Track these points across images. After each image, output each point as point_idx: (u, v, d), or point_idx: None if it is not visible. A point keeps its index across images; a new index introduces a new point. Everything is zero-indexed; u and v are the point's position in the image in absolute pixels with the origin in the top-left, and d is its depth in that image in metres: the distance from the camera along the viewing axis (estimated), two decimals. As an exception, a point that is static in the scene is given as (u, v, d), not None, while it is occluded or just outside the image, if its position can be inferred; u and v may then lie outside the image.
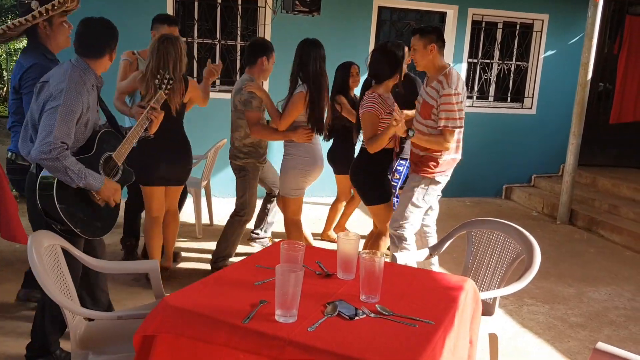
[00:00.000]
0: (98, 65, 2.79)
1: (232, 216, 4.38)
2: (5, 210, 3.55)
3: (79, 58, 2.75)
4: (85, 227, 2.73)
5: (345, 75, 4.81)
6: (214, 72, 4.18)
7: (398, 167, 4.49)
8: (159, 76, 3.33)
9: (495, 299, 2.86)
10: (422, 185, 3.68)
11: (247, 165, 4.21)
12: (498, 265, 2.97)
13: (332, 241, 5.24)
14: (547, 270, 4.75)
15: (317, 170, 4.14)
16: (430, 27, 3.62)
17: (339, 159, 4.96)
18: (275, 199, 4.75)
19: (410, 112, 3.99)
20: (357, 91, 4.77)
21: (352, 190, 5.09)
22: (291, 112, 3.97)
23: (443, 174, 3.69)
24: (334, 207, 5.29)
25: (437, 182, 3.70)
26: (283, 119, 4.00)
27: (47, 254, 2.35)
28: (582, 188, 7.14)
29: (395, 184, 4.47)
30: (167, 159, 3.86)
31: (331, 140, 5.00)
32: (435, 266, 3.88)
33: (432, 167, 3.65)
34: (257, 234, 4.95)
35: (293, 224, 4.29)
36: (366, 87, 3.97)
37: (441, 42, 3.58)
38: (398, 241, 3.73)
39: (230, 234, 4.36)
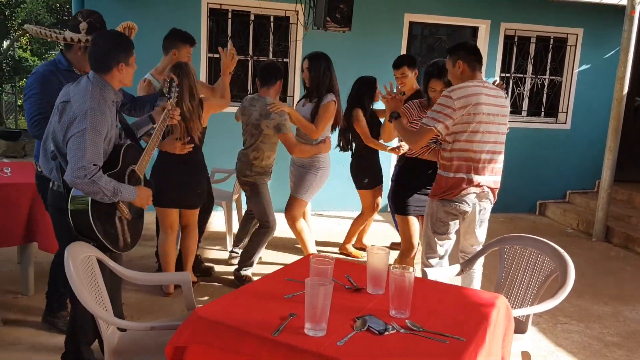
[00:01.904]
0: (110, 79, 2.70)
1: (259, 228, 4.43)
2: (43, 222, 3.65)
3: (94, 74, 2.70)
4: (117, 242, 2.77)
5: (370, 90, 4.78)
6: (230, 61, 3.98)
7: None
8: (165, 83, 3.26)
9: (528, 316, 2.82)
10: (431, 209, 3.52)
11: (258, 181, 4.29)
12: (531, 282, 2.92)
13: (349, 255, 5.23)
14: (582, 288, 4.64)
15: None
16: (457, 44, 3.48)
17: (360, 174, 4.98)
18: (255, 221, 4.69)
19: None
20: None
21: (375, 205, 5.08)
22: (327, 119, 4.32)
23: (447, 196, 3.39)
24: (356, 221, 5.23)
25: (444, 206, 3.41)
26: (318, 127, 4.28)
27: (82, 265, 2.40)
28: (618, 204, 6.98)
29: None
30: (179, 183, 3.88)
31: (352, 155, 5.04)
32: (477, 281, 3.64)
33: (435, 187, 3.49)
34: (237, 252, 4.86)
35: (300, 228, 4.52)
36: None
37: (471, 57, 3.38)
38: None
39: (258, 242, 4.40)
